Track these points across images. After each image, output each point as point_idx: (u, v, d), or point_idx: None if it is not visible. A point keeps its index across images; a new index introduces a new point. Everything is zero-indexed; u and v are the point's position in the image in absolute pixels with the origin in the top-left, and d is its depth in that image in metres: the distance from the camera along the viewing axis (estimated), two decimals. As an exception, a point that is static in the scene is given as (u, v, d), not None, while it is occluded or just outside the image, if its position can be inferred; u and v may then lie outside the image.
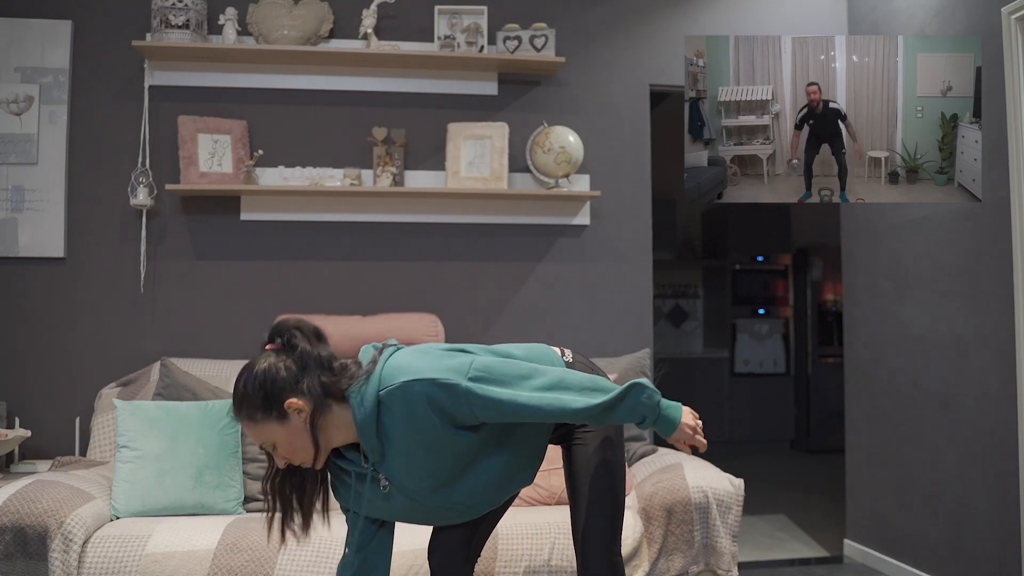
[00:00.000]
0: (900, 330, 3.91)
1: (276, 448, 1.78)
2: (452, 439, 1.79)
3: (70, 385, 3.62)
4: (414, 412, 1.75)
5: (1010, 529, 3.21)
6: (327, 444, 1.79)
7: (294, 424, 1.75)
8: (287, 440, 1.76)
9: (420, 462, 1.81)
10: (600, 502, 2.03)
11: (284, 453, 1.78)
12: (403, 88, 3.89)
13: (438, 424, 1.76)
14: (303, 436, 1.75)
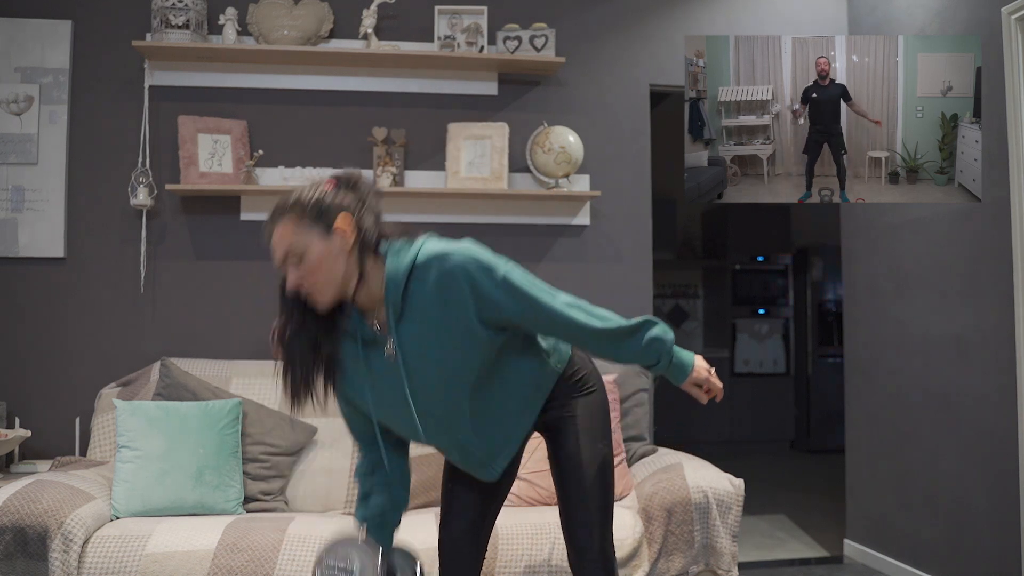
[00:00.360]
0: (900, 330, 3.91)
1: (301, 261, 1.74)
2: (471, 331, 1.78)
3: (70, 385, 3.62)
4: (447, 283, 1.75)
5: (1010, 529, 3.21)
6: (348, 284, 1.78)
7: (334, 245, 1.74)
8: (318, 258, 1.74)
9: (434, 341, 1.79)
10: (592, 494, 2.05)
11: (307, 271, 1.74)
12: (403, 88, 3.89)
13: (466, 302, 1.76)
14: (336, 261, 1.74)
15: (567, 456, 2.06)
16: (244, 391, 3.35)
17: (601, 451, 2.08)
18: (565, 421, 2.07)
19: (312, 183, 1.80)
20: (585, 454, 2.05)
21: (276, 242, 1.79)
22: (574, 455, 2.05)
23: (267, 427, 3.19)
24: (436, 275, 1.76)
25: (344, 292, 1.79)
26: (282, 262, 1.79)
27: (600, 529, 2.07)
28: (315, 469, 3.26)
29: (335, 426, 3.33)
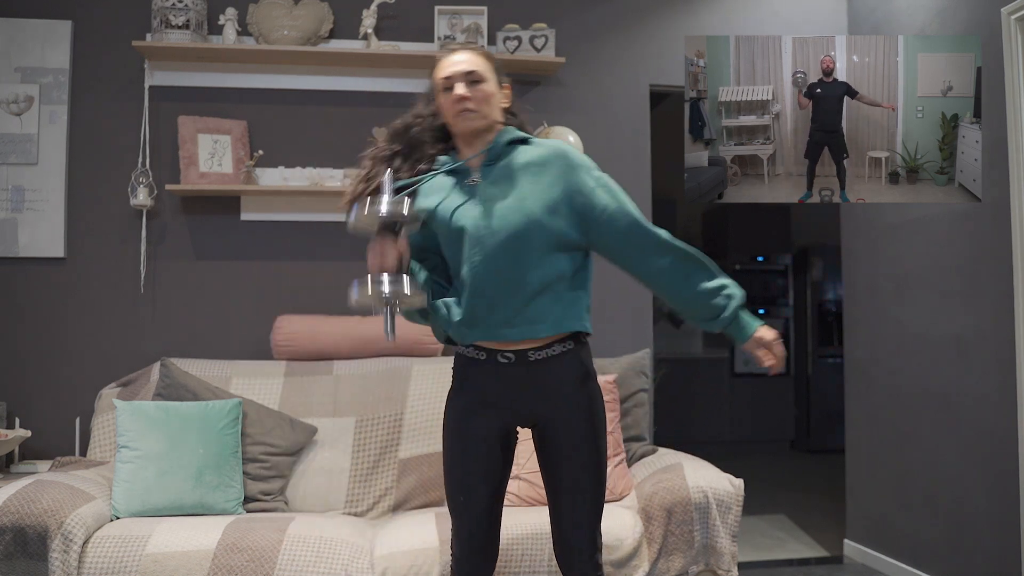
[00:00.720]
0: (900, 330, 3.91)
1: (476, 84, 2.05)
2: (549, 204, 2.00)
3: (70, 385, 3.62)
4: (552, 158, 2.05)
5: (1010, 529, 3.21)
6: (488, 124, 2.09)
7: (498, 95, 2.11)
8: (489, 92, 2.08)
9: (519, 189, 2.02)
10: (590, 495, 2.08)
11: (479, 94, 2.05)
12: (403, 88, 3.89)
13: (562, 178, 2.03)
14: (494, 103, 2.10)
15: (565, 455, 2.07)
16: (244, 391, 3.35)
17: (600, 451, 2.09)
18: (564, 418, 2.07)
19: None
20: (585, 454, 2.06)
21: (467, 59, 2.08)
22: (573, 454, 2.06)
23: (267, 427, 3.19)
24: (546, 150, 2.07)
25: (484, 126, 2.08)
26: (463, 75, 2.05)
27: (594, 530, 2.10)
28: (315, 469, 3.26)
29: (335, 426, 3.33)
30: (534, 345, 2.04)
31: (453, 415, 2.13)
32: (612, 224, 2.03)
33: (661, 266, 2.03)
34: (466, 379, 2.12)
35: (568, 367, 2.07)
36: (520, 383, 2.06)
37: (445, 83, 2.07)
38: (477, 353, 2.08)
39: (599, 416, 2.10)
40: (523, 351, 2.04)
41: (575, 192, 2.03)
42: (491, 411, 2.08)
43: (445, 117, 2.11)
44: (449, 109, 2.07)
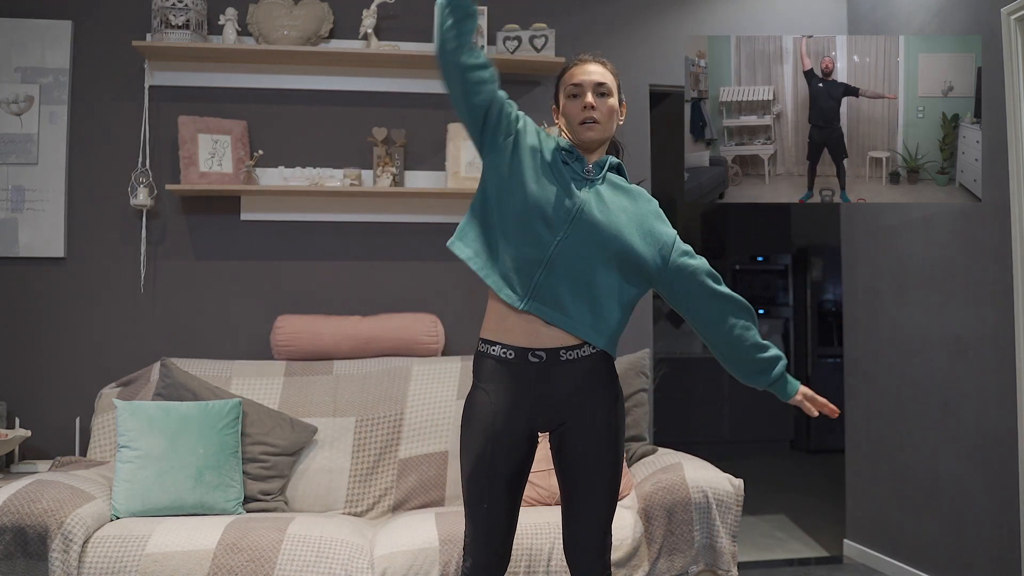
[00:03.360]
0: (900, 330, 3.91)
1: (604, 97, 2.14)
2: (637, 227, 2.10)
3: (70, 385, 3.62)
4: (642, 194, 2.19)
5: (1010, 529, 3.21)
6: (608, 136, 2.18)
7: (618, 112, 2.19)
8: (614, 107, 2.16)
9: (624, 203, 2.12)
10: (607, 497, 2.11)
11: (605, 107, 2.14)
12: (403, 88, 3.89)
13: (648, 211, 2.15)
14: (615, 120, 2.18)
15: (585, 459, 2.08)
16: (244, 391, 3.35)
17: (618, 456, 2.12)
18: (587, 421, 2.08)
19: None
20: (604, 458, 2.09)
21: (601, 72, 2.15)
22: (592, 458, 2.08)
23: (267, 427, 3.19)
24: (640, 190, 2.20)
25: (604, 140, 2.17)
26: (594, 86, 2.13)
27: (605, 532, 2.12)
28: (315, 469, 3.26)
29: (335, 426, 3.33)
30: (566, 344, 2.06)
31: (476, 418, 2.11)
32: (686, 269, 2.14)
33: (724, 315, 2.17)
34: (490, 380, 2.10)
35: (596, 369, 2.10)
36: (548, 384, 2.06)
37: (574, 89, 2.14)
38: (505, 353, 2.07)
39: (620, 421, 2.14)
40: (555, 350, 2.06)
41: (659, 234, 2.13)
42: (516, 413, 2.07)
43: (565, 121, 2.18)
44: (575, 115, 2.13)
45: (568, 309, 2.04)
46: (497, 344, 2.09)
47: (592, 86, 2.12)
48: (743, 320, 2.18)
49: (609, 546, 2.15)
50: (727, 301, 2.17)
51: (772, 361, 2.19)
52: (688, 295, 2.16)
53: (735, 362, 2.21)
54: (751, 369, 2.20)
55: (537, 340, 2.05)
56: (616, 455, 2.11)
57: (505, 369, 2.08)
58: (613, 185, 2.15)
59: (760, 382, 2.21)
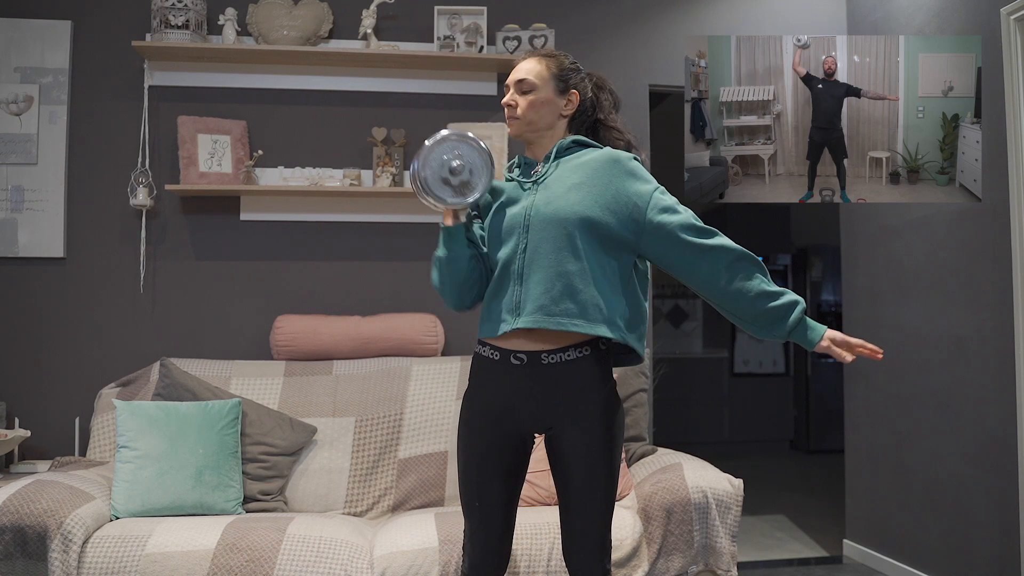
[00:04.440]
0: (899, 330, 3.91)
1: (532, 90, 2.12)
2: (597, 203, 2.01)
3: (70, 385, 3.62)
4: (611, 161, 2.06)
5: (1010, 529, 3.21)
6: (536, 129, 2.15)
7: (555, 102, 2.14)
8: (541, 99, 2.12)
9: (572, 182, 2.04)
10: (603, 498, 2.07)
11: (529, 100, 2.11)
12: (403, 88, 3.89)
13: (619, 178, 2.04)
14: (549, 111, 2.14)
15: (576, 462, 2.05)
16: (244, 391, 3.35)
17: (613, 459, 2.08)
18: (575, 425, 2.05)
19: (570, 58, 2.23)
20: (597, 461, 2.05)
21: (521, 67, 2.16)
22: (584, 461, 2.05)
23: (267, 427, 3.19)
24: (604, 153, 2.09)
25: (531, 132, 2.14)
26: (515, 84, 2.14)
27: (603, 535, 2.09)
28: (315, 469, 3.26)
29: (335, 426, 3.33)
30: (548, 347, 2.02)
31: (470, 418, 2.12)
32: (663, 229, 2.02)
33: (717, 269, 2.00)
34: (481, 381, 2.11)
35: (581, 374, 2.03)
36: (531, 386, 2.04)
37: (506, 89, 2.19)
38: (492, 353, 2.08)
39: (615, 423, 2.08)
40: (536, 352, 2.02)
41: (631, 194, 2.03)
42: (505, 414, 2.06)
43: None
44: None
45: (551, 309, 1.99)
46: (487, 345, 2.10)
47: (513, 83, 2.16)
48: (742, 270, 2.00)
49: (609, 550, 2.11)
50: (717, 253, 1.99)
51: (786, 308, 1.98)
52: (673, 255, 2.02)
53: (745, 318, 2.02)
54: (763, 321, 2.00)
55: (518, 343, 2.04)
56: (612, 458, 2.06)
57: (493, 370, 2.08)
58: (570, 165, 2.09)
59: (777, 333, 2.00)
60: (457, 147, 2.04)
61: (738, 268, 2.00)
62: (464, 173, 2.04)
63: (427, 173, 2.05)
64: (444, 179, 2.04)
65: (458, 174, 2.03)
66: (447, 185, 2.04)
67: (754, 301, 1.99)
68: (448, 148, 2.05)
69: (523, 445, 2.11)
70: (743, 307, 2.00)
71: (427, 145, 2.05)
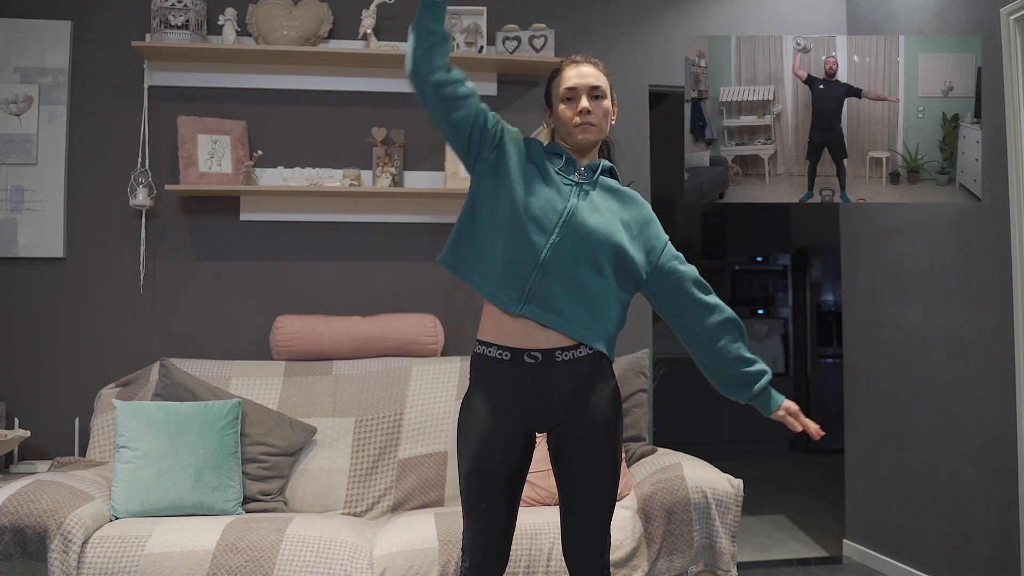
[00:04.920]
0: (899, 330, 3.91)
1: (599, 100, 2.15)
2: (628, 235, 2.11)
3: (70, 385, 3.62)
4: (635, 199, 2.19)
5: (1010, 529, 3.21)
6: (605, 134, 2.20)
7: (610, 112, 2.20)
8: (608, 109, 2.18)
9: (615, 206, 2.13)
10: (606, 499, 2.10)
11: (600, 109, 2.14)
12: (402, 88, 3.89)
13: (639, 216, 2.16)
14: (608, 121, 2.19)
15: (581, 460, 2.07)
16: (243, 391, 3.35)
17: (616, 457, 2.11)
18: (583, 423, 2.07)
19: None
20: (600, 460, 2.08)
21: (595, 75, 2.16)
22: (589, 460, 2.07)
23: (266, 427, 3.19)
24: (634, 194, 2.20)
25: (600, 136, 2.17)
26: (589, 90, 2.13)
27: (604, 532, 2.12)
28: (314, 469, 3.26)
29: (335, 426, 3.33)
30: (562, 345, 2.06)
31: (473, 418, 2.11)
32: (674, 275, 2.15)
33: (709, 325, 2.16)
34: (488, 381, 2.10)
35: (591, 371, 2.08)
36: (544, 384, 2.06)
37: (568, 92, 2.14)
38: (501, 354, 2.08)
39: (618, 421, 2.13)
40: (551, 351, 2.05)
41: (651, 237, 2.16)
42: (513, 414, 2.07)
43: (560, 125, 2.17)
44: (570, 119, 2.13)
45: (564, 311, 2.03)
46: (494, 346, 2.09)
47: (587, 89, 2.13)
48: (729, 333, 2.17)
49: (608, 546, 2.14)
50: (713, 311, 2.16)
51: (756, 376, 2.19)
52: (673, 302, 2.17)
53: (717, 375, 2.21)
54: (732, 382, 2.21)
55: (533, 341, 2.05)
56: (614, 455, 2.10)
57: (502, 370, 2.08)
58: (605, 188, 2.16)
59: (742, 395, 2.22)
60: None
61: (726, 329, 2.17)
62: None
63: None
64: None
65: None
66: None
67: (731, 363, 2.18)
68: None
69: (526, 444, 2.12)
70: (720, 365, 2.19)
71: None
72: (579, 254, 2.04)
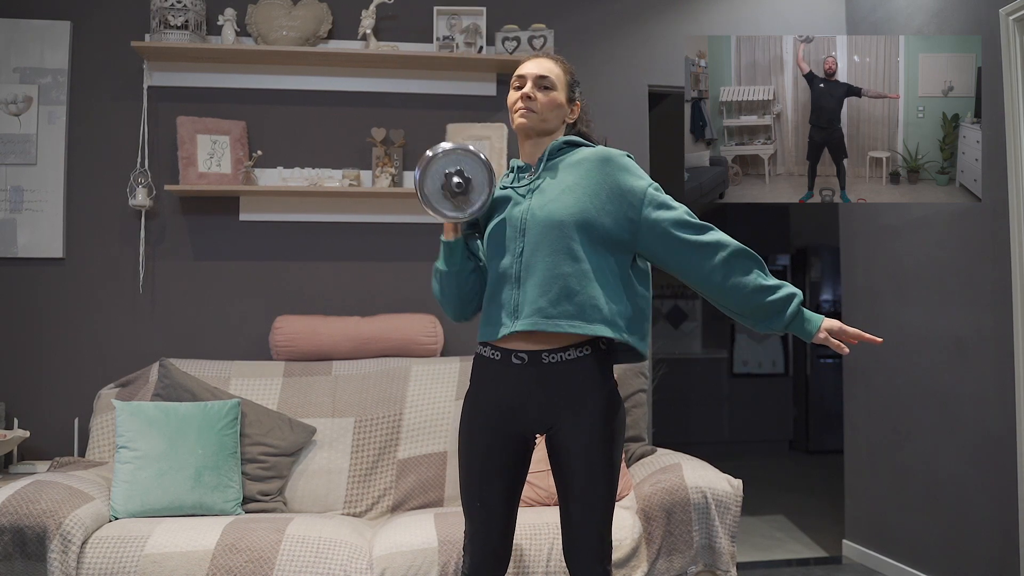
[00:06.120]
0: (899, 330, 3.91)
1: (543, 90, 2.11)
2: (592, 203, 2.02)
3: (69, 385, 3.61)
4: (604, 158, 2.07)
5: (1009, 529, 3.21)
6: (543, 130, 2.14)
7: (565, 107, 2.15)
8: (554, 101, 2.12)
9: (566, 182, 2.05)
10: (604, 499, 2.08)
11: (543, 99, 2.11)
12: (402, 89, 3.89)
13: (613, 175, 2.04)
14: (555, 114, 2.13)
15: (576, 462, 2.06)
16: (243, 391, 3.35)
17: (613, 458, 2.08)
18: (575, 424, 2.05)
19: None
20: (597, 462, 2.06)
21: (542, 64, 2.14)
22: (585, 461, 2.05)
23: (266, 428, 3.19)
24: (597, 152, 2.10)
25: (538, 131, 2.13)
26: (535, 79, 2.11)
27: (603, 534, 2.10)
28: (314, 470, 3.26)
29: (334, 427, 3.33)
30: (549, 347, 2.03)
31: (471, 418, 2.12)
32: (659, 225, 2.02)
33: (714, 266, 2.01)
34: (483, 381, 2.11)
35: (581, 373, 2.04)
36: (533, 386, 2.04)
37: (517, 81, 2.13)
38: (493, 353, 2.08)
39: (616, 423, 2.08)
40: (536, 352, 2.03)
41: (625, 192, 2.03)
42: (507, 414, 2.07)
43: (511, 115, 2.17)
44: (512, 105, 2.12)
45: (547, 312, 1.99)
46: (488, 346, 2.11)
47: (533, 78, 2.11)
48: (738, 265, 2.00)
49: (609, 551, 2.11)
50: (713, 249, 2.00)
51: (783, 301, 1.99)
52: (668, 252, 2.03)
53: (742, 312, 2.04)
54: (760, 315, 2.02)
55: (519, 343, 2.05)
56: (612, 457, 2.07)
57: (494, 370, 2.08)
58: (563, 166, 2.10)
59: (775, 326, 2.02)
60: (460, 161, 2.02)
61: (734, 263, 2.00)
62: (465, 187, 2.02)
63: (427, 185, 2.03)
64: (444, 192, 2.03)
65: (459, 188, 2.01)
66: (447, 199, 2.03)
67: (751, 296, 2.00)
68: (450, 161, 2.02)
69: (524, 445, 2.11)
70: (740, 302, 2.01)
71: (428, 156, 2.02)
72: (545, 250, 2.00)
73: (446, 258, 2.12)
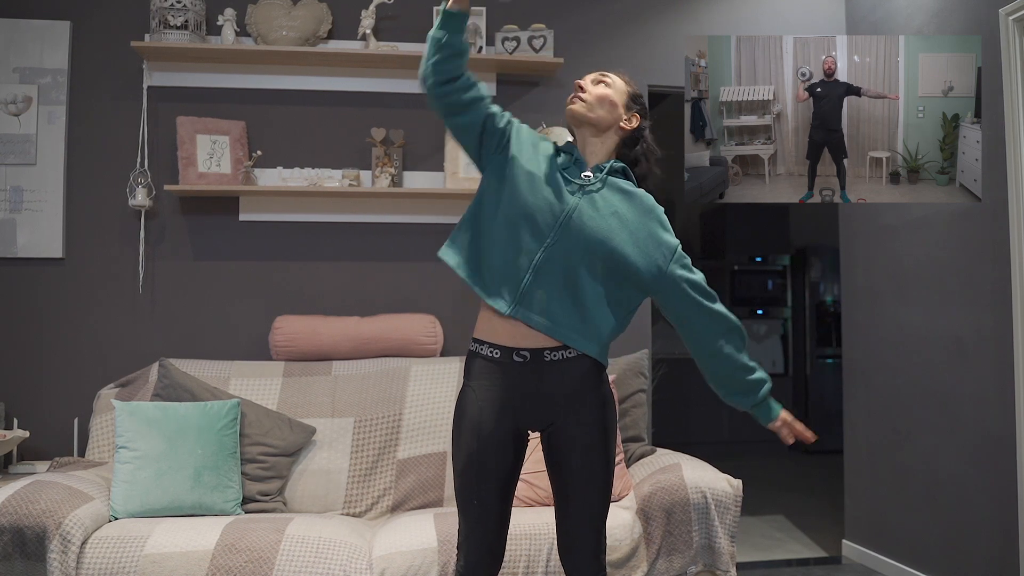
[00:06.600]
0: (899, 330, 3.91)
1: (601, 87, 2.19)
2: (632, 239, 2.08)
3: (69, 385, 3.61)
4: (646, 203, 2.15)
5: (1009, 529, 3.21)
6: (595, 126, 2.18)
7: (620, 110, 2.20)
8: (609, 97, 2.18)
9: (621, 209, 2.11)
10: (600, 502, 2.10)
11: (603, 92, 2.18)
12: (402, 89, 3.89)
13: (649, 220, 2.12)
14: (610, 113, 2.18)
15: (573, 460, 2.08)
16: (242, 392, 3.35)
17: (609, 457, 2.11)
18: (574, 423, 2.08)
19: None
20: (593, 460, 2.09)
21: (608, 73, 2.24)
22: (582, 459, 2.08)
23: (265, 428, 3.19)
24: (646, 197, 2.18)
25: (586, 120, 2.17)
26: (596, 75, 2.22)
27: (599, 532, 2.12)
28: (313, 470, 3.26)
29: (334, 427, 3.33)
30: (551, 345, 2.06)
31: (465, 416, 2.13)
32: (681, 283, 2.12)
33: (714, 333, 2.16)
34: (479, 379, 2.12)
35: (581, 371, 2.09)
36: (533, 384, 2.07)
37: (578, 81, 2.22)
38: (491, 352, 2.09)
39: (610, 422, 2.13)
40: (539, 350, 2.06)
41: (660, 243, 2.12)
42: (503, 412, 2.08)
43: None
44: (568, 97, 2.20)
45: (555, 315, 2.04)
46: (485, 343, 2.11)
47: (592, 76, 2.21)
48: (733, 341, 2.18)
49: (604, 547, 2.14)
50: (718, 319, 2.16)
51: (757, 384, 2.19)
52: (680, 308, 2.15)
53: (719, 380, 2.21)
54: (734, 388, 2.20)
55: (522, 340, 2.06)
56: (607, 455, 2.11)
57: (492, 368, 2.09)
58: (615, 189, 2.14)
59: (743, 403, 2.21)
60: None
61: (730, 338, 2.17)
62: None
63: None
64: None
65: None
66: None
67: (735, 370, 2.18)
68: None
69: (519, 442, 2.13)
70: (723, 372, 2.19)
71: None
72: (574, 257, 2.04)
73: (444, 25, 2.04)
